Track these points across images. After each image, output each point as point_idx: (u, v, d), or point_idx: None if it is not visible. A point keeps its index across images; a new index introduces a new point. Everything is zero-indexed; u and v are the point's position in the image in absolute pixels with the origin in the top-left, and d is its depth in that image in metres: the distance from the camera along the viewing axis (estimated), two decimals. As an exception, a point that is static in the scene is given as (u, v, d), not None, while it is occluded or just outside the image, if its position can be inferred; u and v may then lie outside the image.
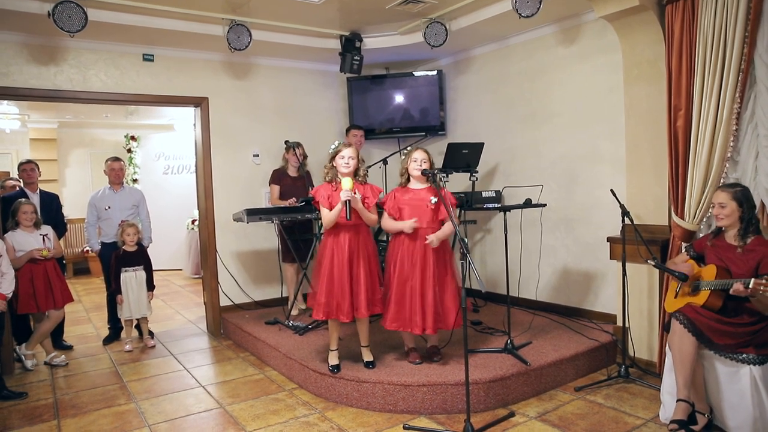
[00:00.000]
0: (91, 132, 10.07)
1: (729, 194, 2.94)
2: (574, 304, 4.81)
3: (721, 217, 2.96)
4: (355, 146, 3.69)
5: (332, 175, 3.56)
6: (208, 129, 5.40)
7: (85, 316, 6.48)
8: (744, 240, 2.92)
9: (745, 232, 2.92)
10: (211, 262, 5.45)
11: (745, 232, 2.92)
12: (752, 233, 2.92)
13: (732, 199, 2.92)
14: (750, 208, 2.92)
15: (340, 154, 3.50)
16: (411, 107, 6.03)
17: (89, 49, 4.79)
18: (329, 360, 3.66)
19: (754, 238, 2.91)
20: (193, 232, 8.70)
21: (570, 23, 4.64)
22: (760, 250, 2.85)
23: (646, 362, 3.88)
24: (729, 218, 2.94)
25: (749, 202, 2.93)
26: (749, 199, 2.94)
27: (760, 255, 2.84)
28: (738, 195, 2.93)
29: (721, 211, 2.96)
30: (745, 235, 2.92)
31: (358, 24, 5.12)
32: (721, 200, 2.96)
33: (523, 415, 3.28)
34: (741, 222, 2.93)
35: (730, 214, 2.93)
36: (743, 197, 2.92)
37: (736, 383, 2.81)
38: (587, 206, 4.64)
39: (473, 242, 5.81)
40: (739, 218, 2.93)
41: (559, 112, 4.83)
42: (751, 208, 2.93)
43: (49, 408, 3.64)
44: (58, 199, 5.05)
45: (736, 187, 2.98)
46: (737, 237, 2.94)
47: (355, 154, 3.52)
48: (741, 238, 2.93)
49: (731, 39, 3.18)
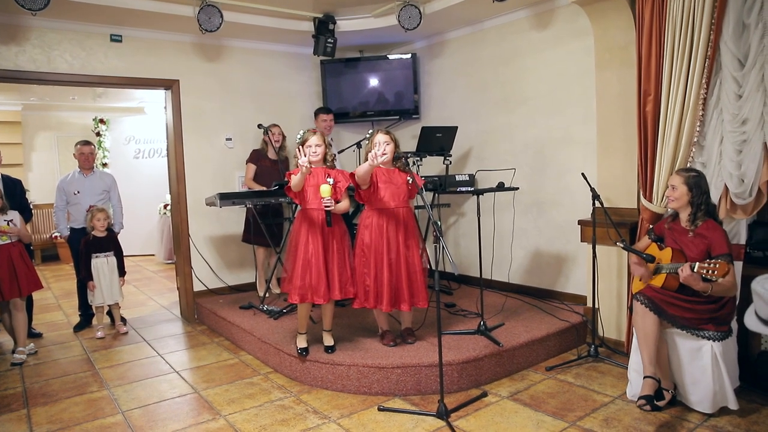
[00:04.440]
0: (57, 115, 9.78)
1: (682, 178, 3.04)
2: (545, 286, 4.90)
3: (672, 199, 3.08)
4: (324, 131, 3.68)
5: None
6: (180, 112, 5.31)
7: (54, 303, 6.36)
8: (694, 224, 3.02)
9: (694, 217, 3.02)
10: (183, 247, 5.39)
11: (694, 217, 3.02)
12: (701, 218, 3.01)
13: (683, 183, 3.03)
14: (700, 194, 3.00)
15: (306, 143, 3.50)
16: (385, 91, 6.00)
17: (53, 28, 4.64)
18: (297, 343, 3.68)
19: (704, 222, 3.00)
20: (165, 217, 8.57)
21: (543, 8, 4.66)
22: (709, 234, 2.96)
23: (615, 342, 3.99)
24: (678, 201, 3.05)
25: (699, 189, 3.01)
26: (700, 185, 3.02)
27: (709, 240, 2.94)
28: (689, 180, 3.02)
29: (672, 193, 3.08)
30: (694, 220, 3.02)
31: (332, 6, 5.06)
32: (674, 182, 3.08)
33: (495, 395, 3.34)
34: (691, 206, 3.03)
35: (679, 197, 3.04)
36: (694, 183, 3.01)
37: (698, 360, 2.92)
38: (559, 190, 4.70)
39: (447, 225, 5.85)
40: (688, 202, 3.03)
41: (532, 96, 4.87)
42: (701, 194, 3.01)
43: (18, 397, 3.58)
44: (21, 183, 4.91)
45: (691, 173, 3.06)
46: (688, 221, 3.05)
47: (321, 141, 3.53)
48: (691, 222, 3.03)
49: (698, 26, 3.23)
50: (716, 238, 2.93)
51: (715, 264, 2.71)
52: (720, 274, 2.69)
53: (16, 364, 4.19)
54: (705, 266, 2.74)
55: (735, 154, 3.20)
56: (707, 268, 2.73)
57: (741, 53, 3.14)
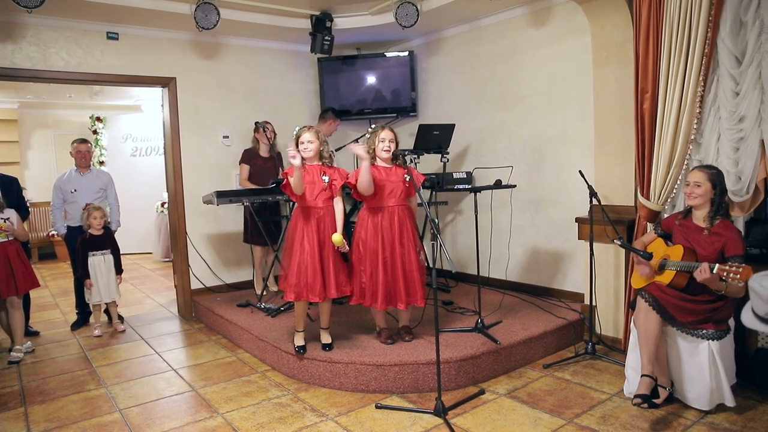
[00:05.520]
0: (54, 113, 9.75)
1: (706, 174, 2.97)
2: (543, 283, 4.90)
3: (695, 195, 2.98)
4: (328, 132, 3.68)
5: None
6: (177, 110, 5.29)
7: (52, 301, 6.35)
8: (711, 222, 2.96)
9: (714, 215, 2.96)
10: (181, 245, 5.38)
11: (714, 215, 2.96)
12: (720, 217, 2.96)
13: (707, 180, 2.96)
14: (722, 192, 2.97)
15: (299, 139, 3.51)
16: (382, 88, 5.99)
17: (49, 26, 4.62)
18: (295, 341, 3.67)
19: (721, 221, 2.96)
20: (162, 215, 8.55)
21: (540, 5, 4.65)
22: (725, 233, 2.91)
23: (612, 339, 3.99)
24: (701, 198, 2.97)
25: (722, 186, 2.97)
26: (722, 182, 2.98)
27: (725, 239, 2.89)
28: (713, 177, 2.96)
29: (695, 190, 2.98)
30: (713, 218, 2.96)
31: (329, 3, 5.05)
32: (697, 179, 2.98)
33: (493, 392, 3.35)
34: (711, 204, 2.97)
35: (703, 194, 2.96)
36: (717, 180, 2.96)
37: (695, 357, 2.92)
38: (556, 187, 4.71)
39: (444, 223, 5.85)
40: (710, 200, 2.97)
41: (529, 93, 4.86)
42: (722, 192, 2.97)
43: (15, 395, 3.57)
44: (18, 182, 4.89)
45: (713, 170, 3.00)
46: (706, 219, 2.99)
47: (315, 138, 3.53)
48: (709, 220, 2.97)
49: (695, 23, 3.23)
50: (732, 238, 2.88)
51: (739, 267, 2.60)
52: (744, 278, 2.56)
53: (13, 363, 4.18)
54: (726, 269, 2.63)
55: (732, 151, 3.20)
56: (729, 270, 2.62)
57: (738, 50, 3.14)
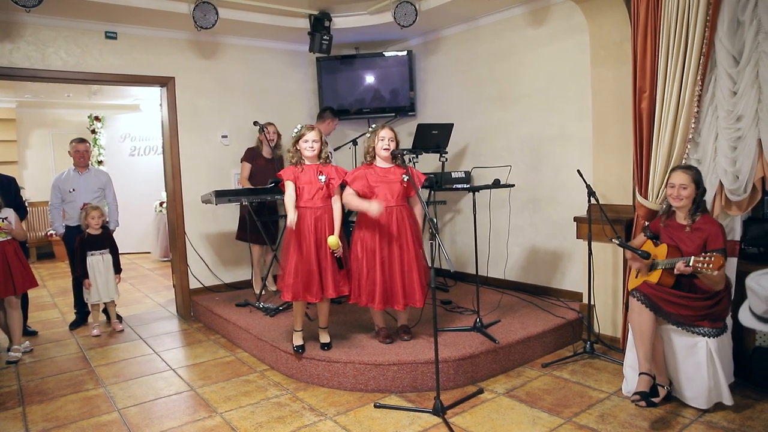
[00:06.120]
0: (52, 112, 9.74)
1: (689, 176, 3.02)
2: (541, 282, 4.91)
3: (681, 198, 3.03)
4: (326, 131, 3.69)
5: (297, 158, 3.57)
6: (175, 109, 5.29)
7: (50, 300, 6.34)
8: (692, 219, 3.04)
9: (694, 212, 3.04)
10: (179, 245, 5.38)
11: (694, 212, 3.04)
12: (699, 213, 3.04)
13: (692, 181, 3.02)
14: (703, 191, 3.06)
15: (303, 137, 3.51)
16: (381, 88, 5.99)
17: (48, 25, 4.62)
18: (294, 341, 3.67)
19: (701, 217, 3.03)
20: (161, 215, 8.55)
21: (538, 4, 4.65)
22: (706, 228, 2.98)
23: (611, 338, 4.00)
24: (687, 200, 3.03)
25: (702, 184, 3.06)
26: (702, 181, 3.07)
27: (706, 233, 2.96)
28: (697, 177, 3.04)
29: (681, 192, 3.02)
30: (694, 215, 3.04)
31: (328, 3, 5.05)
32: (683, 181, 3.02)
33: (491, 391, 3.35)
34: (693, 203, 3.04)
35: (689, 195, 3.02)
36: (700, 179, 3.05)
37: (693, 356, 2.93)
38: (555, 186, 4.71)
39: (443, 222, 5.86)
40: (693, 199, 3.04)
41: (527, 93, 4.87)
42: (704, 191, 3.07)
43: (14, 395, 3.57)
44: (16, 181, 4.89)
45: (692, 169, 3.08)
46: (687, 217, 3.06)
47: (318, 137, 3.53)
48: (690, 217, 3.05)
49: (693, 23, 3.23)
50: (713, 232, 2.95)
51: (710, 257, 2.74)
52: (716, 267, 2.72)
53: (11, 362, 4.18)
54: (700, 260, 2.77)
55: (730, 150, 3.20)
56: (702, 261, 2.76)
57: (736, 50, 3.14)
